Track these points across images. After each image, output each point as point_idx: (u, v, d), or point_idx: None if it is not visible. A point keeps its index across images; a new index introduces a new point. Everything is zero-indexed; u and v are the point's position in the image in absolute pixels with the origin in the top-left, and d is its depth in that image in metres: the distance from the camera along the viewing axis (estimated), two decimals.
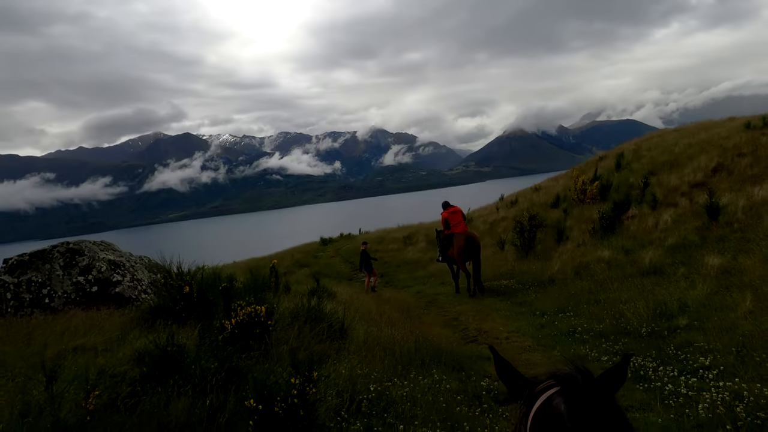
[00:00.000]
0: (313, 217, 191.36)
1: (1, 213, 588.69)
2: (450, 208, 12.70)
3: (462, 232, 11.88)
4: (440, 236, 13.44)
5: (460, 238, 11.62)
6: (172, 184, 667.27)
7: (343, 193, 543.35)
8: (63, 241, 7.34)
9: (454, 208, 12.69)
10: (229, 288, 6.13)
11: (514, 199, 24.79)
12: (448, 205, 12.84)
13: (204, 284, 7.05)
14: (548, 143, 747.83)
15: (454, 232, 12.12)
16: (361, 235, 32.09)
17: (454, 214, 12.48)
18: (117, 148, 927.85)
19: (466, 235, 11.65)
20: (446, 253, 12.62)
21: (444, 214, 12.71)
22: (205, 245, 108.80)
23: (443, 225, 12.80)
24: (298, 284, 15.98)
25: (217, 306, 6.41)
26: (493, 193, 33.04)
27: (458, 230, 12.08)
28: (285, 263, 24.51)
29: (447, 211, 12.65)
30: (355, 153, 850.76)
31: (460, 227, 12.16)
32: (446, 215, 12.61)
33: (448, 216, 12.55)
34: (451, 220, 12.42)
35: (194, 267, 8.46)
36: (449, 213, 12.56)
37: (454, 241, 11.85)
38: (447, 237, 12.57)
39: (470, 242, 11.41)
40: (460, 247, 11.41)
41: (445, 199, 13.58)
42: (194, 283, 6.88)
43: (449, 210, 12.63)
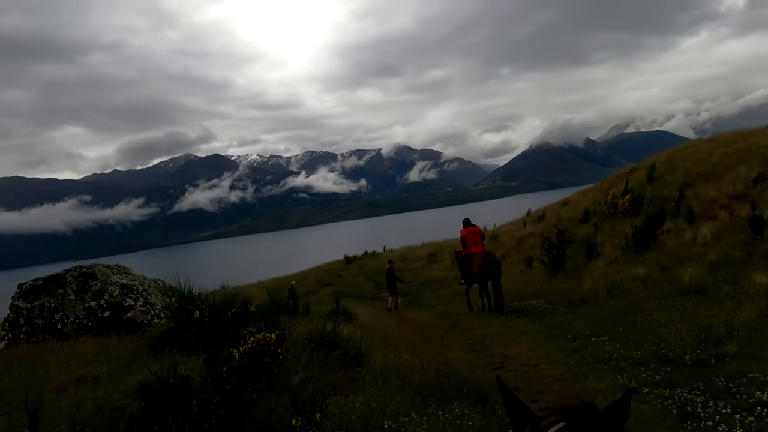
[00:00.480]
0: (338, 235, 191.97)
1: (40, 235, 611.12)
2: (470, 227, 12.49)
3: (481, 251, 11.71)
4: (459, 257, 13.14)
5: (479, 256, 11.45)
6: (201, 204, 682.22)
7: (369, 211, 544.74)
8: (76, 264, 7.24)
9: (474, 227, 12.49)
10: (238, 314, 5.87)
11: (541, 214, 24.09)
12: (468, 224, 12.64)
13: (217, 309, 6.81)
14: (575, 156, 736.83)
15: (472, 252, 11.95)
16: (385, 253, 31.73)
17: (473, 233, 12.30)
18: (149, 170, 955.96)
19: (485, 253, 11.50)
20: (467, 274, 12.28)
21: (463, 232, 12.52)
22: (232, 265, 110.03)
23: (461, 243, 12.62)
24: (320, 304, 15.71)
25: (227, 332, 6.14)
26: (520, 208, 32.31)
27: (476, 250, 11.92)
28: (308, 282, 24.33)
29: (466, 230, 12.46)
30: (381, 170, 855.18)
31: (478, 247, 11.99)
32: (465, 234, 12.43)
33: (467, 235, 12.37)
34: (469, 240, 12.24)
35: (209, 290, 8.28)
36: (468, 232, 12.38)
37: (473, 261, 11.66)
38: (465, 257, 12.33)
39: (489, 261, 11.23)
40: (480, 266, 11.23)
41: (466, 216, 13.34)
42: (206, 307, 6.64)
43: (468, 229, 12.45)
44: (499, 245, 21.19)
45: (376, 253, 32.23)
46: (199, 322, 6.35)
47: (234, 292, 21.60)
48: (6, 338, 6.87)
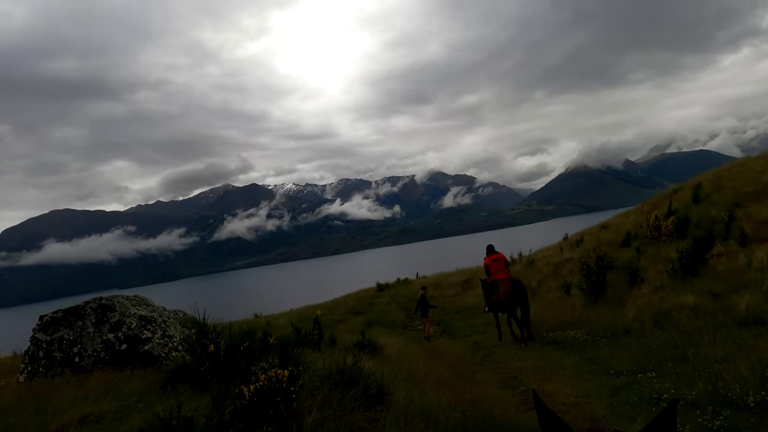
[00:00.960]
0: (372, 262, 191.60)
1: (88, 264, 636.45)
2: (493, 254, 12.27)
3: (507, 278, 11.50)
4: (484, 284, 12.88)
5: (506, 282, 11.23)
6: (239, 232, 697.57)
7: (403, 237, 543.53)
8: (96, 296, 7.16)
9: (498, 255, 12.25)
10: (251, 348, 5.58)
11: (579, 239, 23.13)
12: (492, 251, 12.42)
13: (233, 342, 6.55)
14: (614, 178, 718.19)
15: (497, 279, 11.74)
16: (418, 280, 31.15)
17: (496, 261, 12.05)
18: (190, 200, 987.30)
19: (512, 279, 11.30)
20: (492, 301, 12.07)
21: (486, 260, 12.29)
22: (267, 293, 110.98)
23: (485, 271, 12.40)
24: (350, 334, 15.31)
25: (240, 368, 5.84)
26: (557, 233, 31.31)
27: (500, 276, 11.71)
28: (339, 311, 24.01)
29: (489, 258, 12.23)
30: (414, 196, 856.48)
31: (502, 274, 11.75)
32: (488, 261, 12.19)
33: (490, 263, 12.13)
34: (492, 267, 12.02)
35: (232, 320, 8.04)
36: (491, 260, 12.14)
37: (500, 287, 11.43)
38: (490, 284, 12.10)
39: (517, 286, 11.04)
40: (506, 292, 11.00)
41: (490, 243, 13.00)
42: (222, 340, 6.39)
43: (492, 257, 12.21)
44: (535, 271, 20.39)
45: (408, 280, 31.69)
46: (214, 357, 6.08)
47: (258, 323, 21.48)
48: (25, 371, 6.79)
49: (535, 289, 18.19)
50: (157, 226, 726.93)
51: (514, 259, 24.05)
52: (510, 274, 12.01)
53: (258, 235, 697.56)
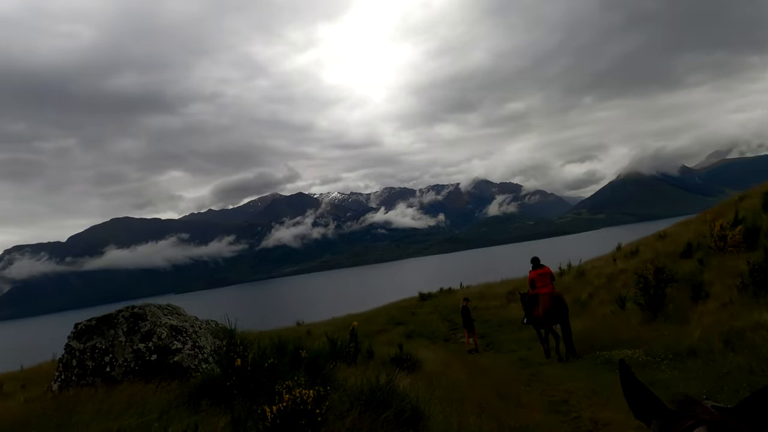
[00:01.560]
0: (415, 271, 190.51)
1: (145, 270, 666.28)
2: (540, 268, 11.87)
3: (548, 293, 11.22)
4: (525, 298, 12.66)
5: (547, 298, 10.99)
6: (286, 240, 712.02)
7: (448, 246, 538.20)
8: (129, 305, 7.09)
9: (544, 269, 11.85)
10: (275, 364, 5.26)
11: (634, 249, 21.76)
12: (538, 264, 11.98)
13: (262, 355, 6.26)
14: (669, 185, 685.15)
15: (540, 293, 11.45)
16: (461, 290, 30.36)
17: (543, 275, 11.70)
18: (240, 209, 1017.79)
19: (552, 295, 11.06)
20: (532, 315, 11.87)
21: (532, 273, 11.95)
22: (311, 300, 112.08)
23: (529, 284, 12.10)
24: (389, 345, 14.90)
25: (264, 385, 5.53)
26: (609, 242, 29.81)
27: (544, 291, 11.38)
28: (380, 320, 23.62)
29: (536, 271, 11.86)
30: (459, 205, 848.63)
31: (546, 289, 11.42)
32: (534, 275, 11.84)
33: (536, 276, 11.77)
34: (538, 281, 11.68)
35: (265, 330, 7.79)
36: (537, 273, 11.77)
37: (540, 302, 11.21)
38: (532, 297, 11.85)
39: (557, 302, 10.81)
40: (546, 307, 10.78)
41: (536, 255, 12.44)
42: (250, 353, 6.12)
43: (538, 270, 11.83)
44: (585, 283, 19.32)
45: (452, 290, 30.93)
46: (241, 371, 5.81)
47: (299, 332, 21.32)
48: (59, 379, 6.76)
49: (585, 302, 17.20)
50: (209, 234, 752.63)
51: (563, 270, 22.94)
52: (554, 289, 11.66)
53: (303, 243, 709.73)
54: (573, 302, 17.63)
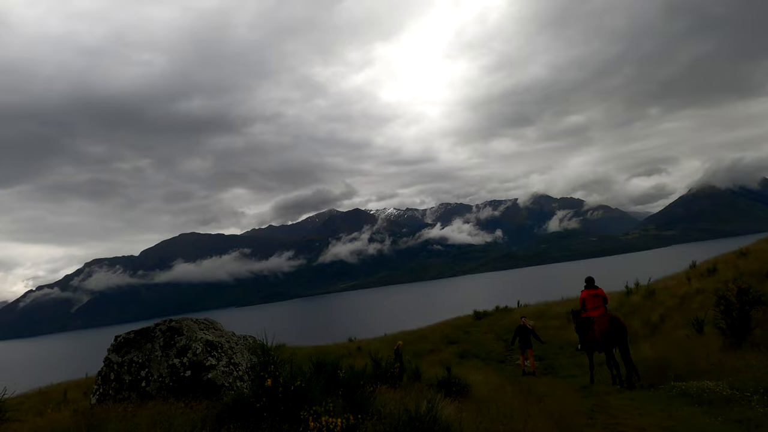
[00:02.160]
0: (472, 288, 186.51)
1: (209, 283, 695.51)
2: (593, 289, 11.32)
3: (604, 314, 10.64)
4: (577, 319, 11.99)
5: (604, 320, 10.36)
6: (342, 256, 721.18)
7: (506, 262, 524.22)
8: (167, 318, 6.97)
9: (597, 290, 11.29)
10: (302, 387, 4.86)
11: (711, 267, 19.88)
12: (591, 284, 11.42)
13: (293, 375, 5.89)
14: (749, 200, 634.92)
15: (592, 315, 10.94)
16: (519, 309, 29.02)
17: (595, 297, 11.16)
18: (298, 225, 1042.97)
19: (610, 316, 10.42)
20: (586, 339, 11.23)
21: (584, 293, 11.43)
22: (365, 316, 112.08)
23: (580, 304, 11.55)
24: (440, 365, 14.23)
25: (292, 409, 5.13)
26: (680, 260, 27.70)
27: (596, 313, 10.85)
28: (433, 339, 22.90)
29: (588, 291, 11.33)
30: (517, 220, 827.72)
31: (599, 311, 10.91)
32: (585, 295, 11.33)
33: (588, 297, 11.25)
34: (589, 302, 11.18)
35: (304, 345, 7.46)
36: (590, 294, 11.25)
37: (596, 324, 10.59)
38: (585, 320, 11.29)
39: (615, 324, 10.16)
40: (604, 330, 10.20)
41: (590, 275, 11.81)
42: (282, 373, 5.77)
43: (591, 291, 11.28)
44: (656, 303, 17.81)
45: (508, 308, 29.63)
46: (272, 392, 5.46)
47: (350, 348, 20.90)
48: (97, 393, 6.71)
49: (656, 325, 15.79)
50: (269, 249, 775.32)
51: (630, 289, 21.33)
52: (607, 311, 11.05)
53: (360, 259, 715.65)
54: (643, 324, 16.27)
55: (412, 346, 21.31)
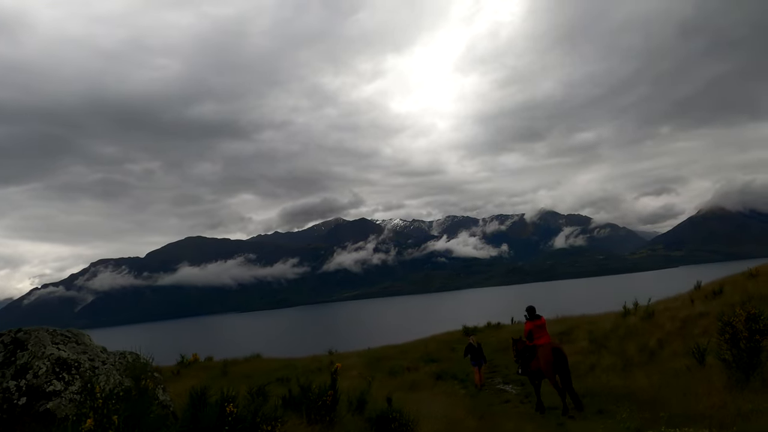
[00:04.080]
0: (474, 302, 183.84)
1: (213, 288, 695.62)
2: (536, 319, 11.44)
3: (548, 344, 10.92)
4: (518, 347, 12.32)
5: (547, 350, 10.68)
6: (346, 264, 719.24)
7: (511, 277, 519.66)
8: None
9: (541, 320, 11.47)
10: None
11: (717, 289, 18.18)
12: (534, 315, 11.57)
13: (162, 417, 4.44)
14: (760, 223, 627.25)
15: (538, 344, 11.07)
16: (512, 326, 27.41)
17: (540, 327, 11.33)
18: (304, 232, 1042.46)
19: (553, 346, 10.83)
20: (528, 367, 11.41)
21: (529, 324, 11.54)
22: (359, 327, 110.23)
23: (525, 335, 11.67)
24: (407, 390, 12.71)
25: None
26: (686, 281, 25.98)
27: (542, 341, 11.04)
28: (413, 355, 21.34)
29: (533, 322, 11.40)
30: (523, 235, 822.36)
31: (544, 339, 11.14)
32: (531, 326, 11.40)
33: (534, 328, 11.32)
34: (536, 332, 11.28)
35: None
36: (535, 325, 11.34)
37: (540, 354, 10.81)
38: (528, 349, 11.46)
39: (558, 354, 10.57)
40: (549, 361, 10.52)
41: (531, 304, 11.98)
42: (121, 408, 4.32)
43: (536, 321, 11.39)
44: (655, 326, 16.16)
45: (500, 325, 28.00)
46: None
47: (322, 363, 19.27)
48: None
49: (654, 351, 14.16)
50: (274, 255, 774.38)
51: (628, 309, 19.67)
52: (551, 339, 11.43)
53: (364, 268, 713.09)
54: (639, 350, 14.65)
55: (390, 362, 19.78)
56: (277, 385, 12.57)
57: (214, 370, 18.40)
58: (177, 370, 18.16)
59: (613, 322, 18.68)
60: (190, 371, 18.38)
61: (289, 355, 29.79)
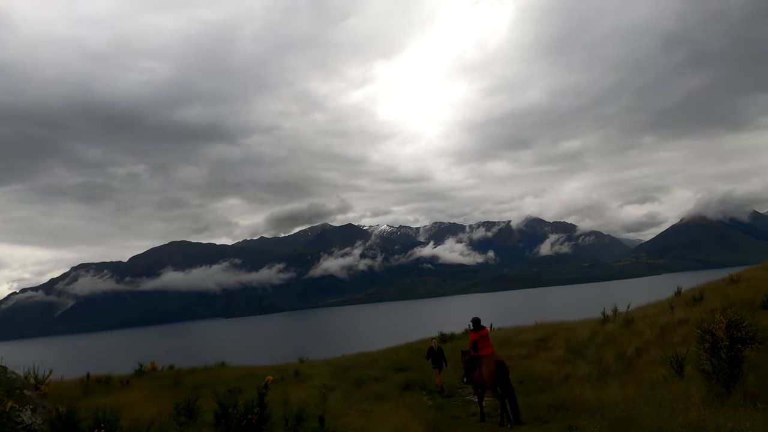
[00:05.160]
0: (458, 308, 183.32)
1: (197, 292, 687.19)
2: (481, 330, 11.62)
3: (491, 355, 11.09)
4: (464, 357, 12.80)
5: (491, 362, 10.78)
6: (333, 270, 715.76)
7: (497, 284, 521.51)
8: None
9: (484, 330, 11.69)
10: None
11: (698, 295, 17.58)
12: (479, 326, 11.69)
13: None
14: (739, 232, 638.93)
15: (482, 355, 11.20)
16: (492, 332, 26.58)
17: (484, 337, 11.48)
18: (291, 237, 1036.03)
19: (496, 358, 10.93)
20: (472, 377, 11.67)
21: (473, 335, 11.62)
22: (339, 334, 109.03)
23: (470, 345, 11.74)
24: (370, 400, 11.79)
25: None
26: (668, 288, 25.53)
27: (486, 353, 11.19)
28: (383, 364, 20.43)
29: (477, 333, 11.53)
30: (510, 242, 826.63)
31: (487, 350, 11.30)
32: (476, 337, 11.49)
33: (478, 338, 11.43)
34: (480, 343, 11.39)
35: None
36: (480, 335, 11.47)
37: (483, 365, 10.94)
38: (473, 359, 11.64)
39: (501, 367, 10.63)
40: (491, 372, 10.62)
41: (476, 316, 12.07)
42: None
43: (480, 332, 11.54)
44: (633, 334, 15.47)
45: None
46: None
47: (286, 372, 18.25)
48: None
49: (631, 360, 13.44)
50: (260, 261, 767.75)
51: (607, 317, 18.99)
52: (493, 350, 11.56)
53: (350, 274, 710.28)
54: (617, 358, 13.91)
55: (358, 371, 18.81)
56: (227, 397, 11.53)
57: (166, 380, 17.26)
58: (126, 381, 16.99)
59: (591, 330, 17.99)
60: (142, 381, 17.22)
61: (261, 363, 28.70)
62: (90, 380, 17.14)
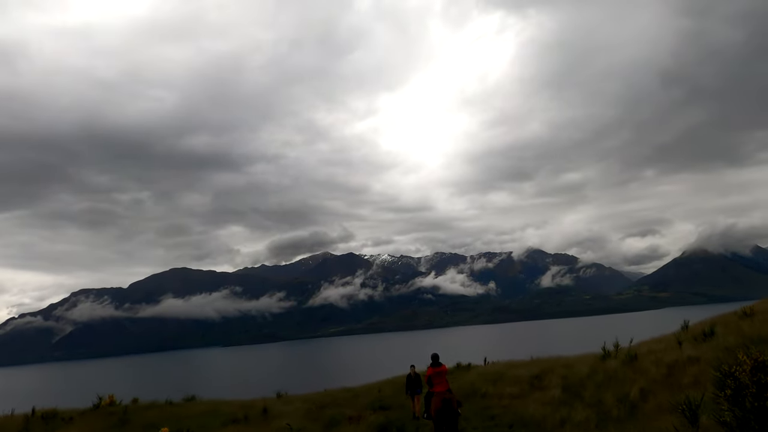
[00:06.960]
0: (458, 340, 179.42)
1: (196, 320, 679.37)
2: (438, 367, 11.80)
3: (441, 392, 11.20)
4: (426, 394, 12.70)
5: (438, 399, 10.97)
6: (333, 299, 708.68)
7: (498, 315, 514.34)
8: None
9: (441, 367, 11.83)
10: None
11: (708, 330, 15.92)
12: (436, 362, 11.89)
13: None
14: (742, 266, 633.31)
15: (434, 392, 11.43)
16: (484, 367, 24.80)
17: (439, 374, 11.67)
18: (292, 266, 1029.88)
19: (443, 396, 11.01)
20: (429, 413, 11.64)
21: (430, 370, 11.81)
22: (332, 365, 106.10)
23: (426, 381, 12.02)
24: None
25: None
26: (672, 322, 23.95)
27: (438, 389, 11.36)
28: (364, 401, 18.66)
29: (433, 369, 11.75)
30: (511, 274, 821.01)
31: (440, 387, 11.42)
32: (431, 372, 11.71)
33: (433, 374, 11.62)
34: (435, 379, 11.56)
35: None
36: (435, 372, 11.68)
37: (432, 402, 11.19)
38: (430, 394, 11.78)
39: (447, 405, 10.73)
40: (438, 409, 10.77)
41: (435, 352, 12.35)
42: None
43: (436, 369, 11.75)
44: (638, 372, 13.81)
45: (471, 366, 25.38)
46: None
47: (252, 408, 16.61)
48: None
49: (635, 403, 11.78)
50: (261, 289, 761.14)
51: (608, 352, 17.30)
52: (448, 386, 11.60)
53: (351, 304, 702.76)
54: (618, 401, 12.25)
55: (335, 410, 17.06)
56: None
57: (115, 417, 15.54)
58: (70, 417, 15.31)
59: (590, 366, 16.29)
60: (90, 418, 15.51)
61: (240, 395, 26.90)
62: (35, 416, 15.47)
